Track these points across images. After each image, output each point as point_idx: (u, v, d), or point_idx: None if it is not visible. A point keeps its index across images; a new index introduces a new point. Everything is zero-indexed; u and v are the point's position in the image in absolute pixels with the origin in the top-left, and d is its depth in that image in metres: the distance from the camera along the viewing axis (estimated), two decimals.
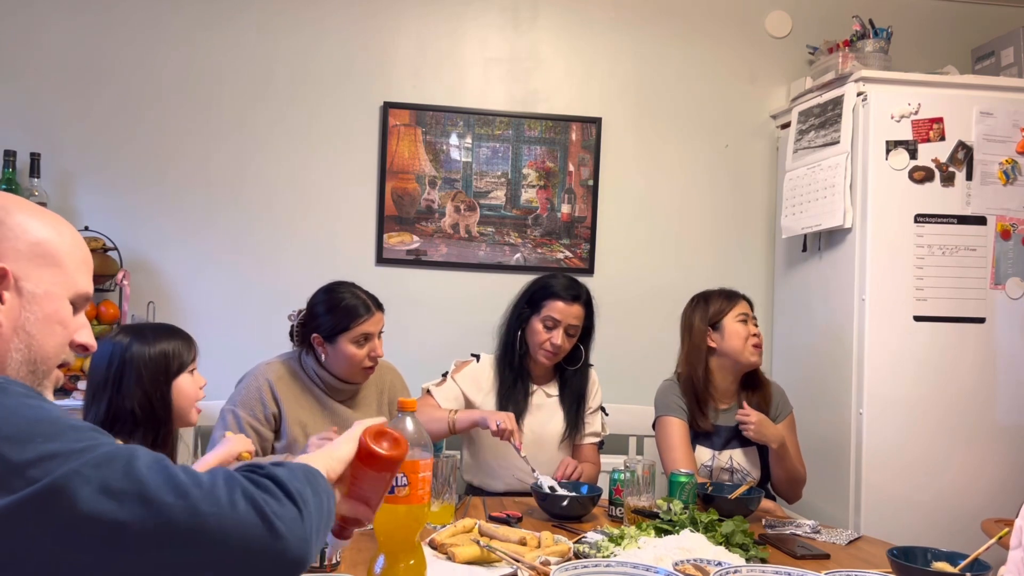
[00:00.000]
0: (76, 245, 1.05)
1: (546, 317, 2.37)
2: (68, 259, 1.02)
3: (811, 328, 3.01)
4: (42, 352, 1.00)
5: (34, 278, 0.99)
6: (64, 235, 1.03)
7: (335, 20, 3.15)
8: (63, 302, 1.01)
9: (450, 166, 3.19)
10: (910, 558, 1.63)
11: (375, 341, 2.20)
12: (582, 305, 2.40)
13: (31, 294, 0.98)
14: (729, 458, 2.37)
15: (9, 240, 0.98)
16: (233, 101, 3.10)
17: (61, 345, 1.02)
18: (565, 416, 2.45)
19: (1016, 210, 2.76)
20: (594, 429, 2.50)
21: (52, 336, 1.00)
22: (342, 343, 2.17)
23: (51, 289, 1.00)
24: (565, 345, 2.38)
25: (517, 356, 2.42)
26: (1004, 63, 3.12)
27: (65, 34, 3.00)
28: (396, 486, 1.35)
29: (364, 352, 2.18)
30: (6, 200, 1.01)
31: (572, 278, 2.47)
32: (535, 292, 2.44)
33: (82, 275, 1.05)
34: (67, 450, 0.80)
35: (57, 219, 1.05)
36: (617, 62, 3.30)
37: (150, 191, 3.04)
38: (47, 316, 1.00)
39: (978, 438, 2.72)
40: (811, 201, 2.93)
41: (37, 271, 0.99)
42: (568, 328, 2.38)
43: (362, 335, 2.17)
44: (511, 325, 2.45)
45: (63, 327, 1.02)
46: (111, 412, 1.69)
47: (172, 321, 2.06)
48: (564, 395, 2.47)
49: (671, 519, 1.88)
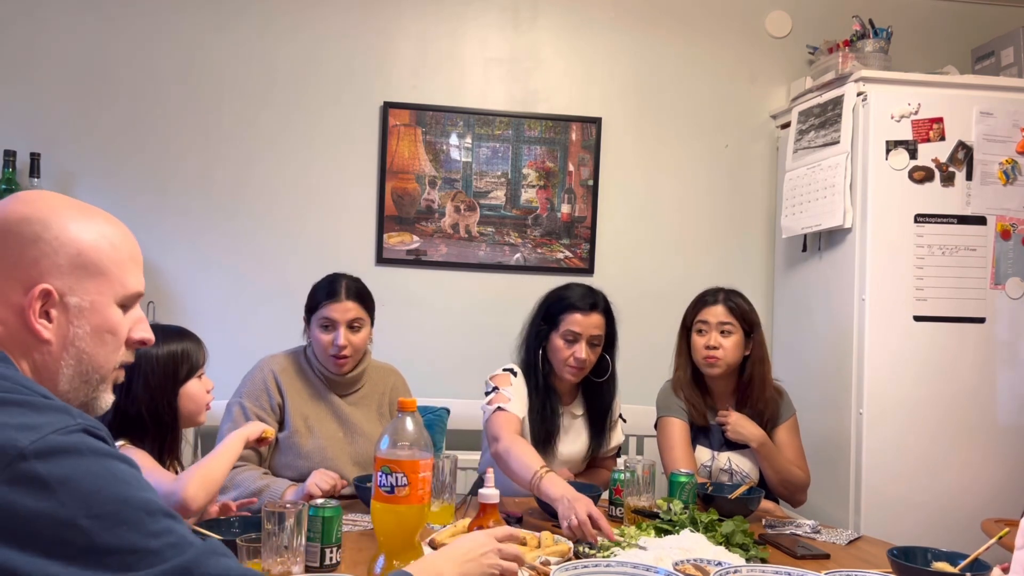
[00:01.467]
0: (119, 245, 1.03)
1: (565, 331, 2.22)
2: (111, 264, 1.00)
3: (811, 328, 3.01)
4: (94, 363, 0.99)
5: (79, 291, 0.97)
6: (106, 237, 1.01)
7: (335, 21, 3.15)
8: (111, 309, 1.00)
9: (450, 166, 3.19)
10: (910, 558, 1.63)
11: (340, 330, 2.12)
12: (601, 313, 2.26)
13: (78, 308, 0.97)
14: (728, 459, 2.37)
15: (49, 256, 0.96)
16: (233, 101, 3.10)
17: (114, 351, 1.01)
18: (590, 435, 2.35)
19: (1016, 210, 2.76)
20: (616, 442, 2.45)
21: (103, 346, 0.99)
22: (313, 325, 2.18)
23: (97, 299, 0.99)
24: (590, 358, 2.24)
25: (542, 376, 2.27)
26: (1004, 63, 3.12)
27: (65, 34, 3.00)
28: (396, 486, 1.36)
29: (328, 339, 2.13)
30: (44, 211, 0.98)
31: (587, 286, 2.33)
32: (550, 306, 2.29)
33: (130, 275, 1.03)
34: (144, 548, 0.82)
35: (98, 219, 1.02)
36: (617, 62, 3.30)
37: (150, 191, 3.04)
38: (96, 328, 0.98)
39: (978, 438, 2.72)
40: (811, 201, 2.93)
41: (81, 284, 0.97)
42: (591, 339, 2.23)
43: (325, 319, 2.14)
44: (530, 345, 2.29)
45: (113, 335, 1.00)
46: (119, 416, 1.67)
47: (172, 321, 2.06)
48: (590, 411, 2.37)
49: (671, 519, 1.88)
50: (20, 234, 0.96)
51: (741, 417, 2.33)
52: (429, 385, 2.73)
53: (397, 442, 1.39)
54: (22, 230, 0.96)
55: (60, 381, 0.97)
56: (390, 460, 1.36)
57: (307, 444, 2.16)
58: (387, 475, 1.36)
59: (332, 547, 1.56)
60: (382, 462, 1.37)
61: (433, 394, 2.81)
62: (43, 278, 0.95)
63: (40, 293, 0.94)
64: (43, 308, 0.95)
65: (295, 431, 2.16)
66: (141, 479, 0.87)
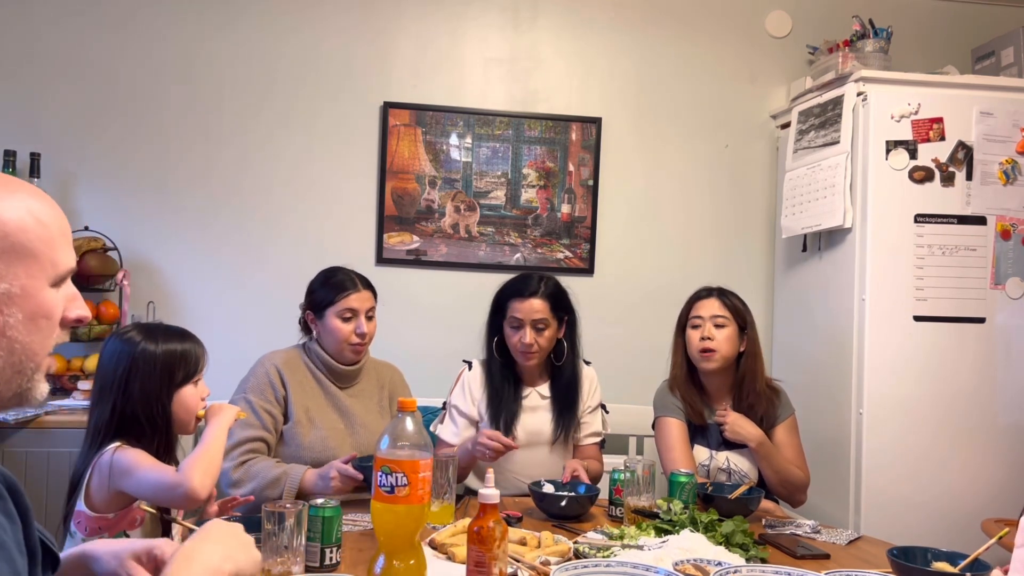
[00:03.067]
0: (47, 221, 0.93)
1: (510, 318, 2.35)
2: (40, 243, 0.91)
3: (811, 328, 3.01)
4: (28, 352, 0.91)
5: (8, 277, 0.88)
6: (32, 213, 0.91)
7: (335, 20, 3.15)
8: (44, 292, 0.92)
9: (450, 166, 3.19)
10: (910, 558, 1.63)
11: (361, 319, 2.23)
12: (542, 297, 2.34)
13: (7, 294, 0.89)
14: (726, 459, 2.37)
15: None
16: (233, 101, 3.10)
17: (48, 336, 0.93)
18: (554, 415, 2.42)
19: (1016, 210, 2.76)
20: (594, 428, 2.48)
21: (37, 332, 0.91)
22: (329, 317, 2.22)
23: (28, 283, 0.90)
24: (539, 342, 2.33)
25: (498, 363, 2.41)
26: (1004, 63, 3.12)
27: (66, 34, 3.00)
28: (396, 486, 1.35)
29: (350, 328, 2.22)
30: None
31: (529, 274, 2.44)
32: (498, 296, 2.42)
33: (61, 252, 0.94)
34: None
35: (21, 194, 0.92)
36: (617, 62, 3.30)
37: (150, 191, 3.04)
38: (29, 314, 0.90)
39: (978, 438, 2.72)
40: (811, 201, 2.93)
41: (10, 269, 0.89)
42: (534, 324, 2.33)
43: (347, 309, 2.22)
44: (487, 334, 2.44)
45: (48, 319, 0.92)
46: (115, 416, 1.65)
47: (171, 321, 2.05)
48: (554, 393, 2.45)
49: (671, 519, 1.88)
50: None
51: (739, 417, 2.33)
52: (429, 385, 2.73)
53: (397, 442, 1.39)
54: None
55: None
56: (390, 460, 1.36)
57: (309, 435, 2.19)
58: (387, 475, 1.36)
59: (332, 547, 1.56)
60: (382, 462, 1.37)
61: (433, 394, 2.81)
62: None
63: None
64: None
65: (297, 422, 2.20)
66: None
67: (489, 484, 1.44)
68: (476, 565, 1.39)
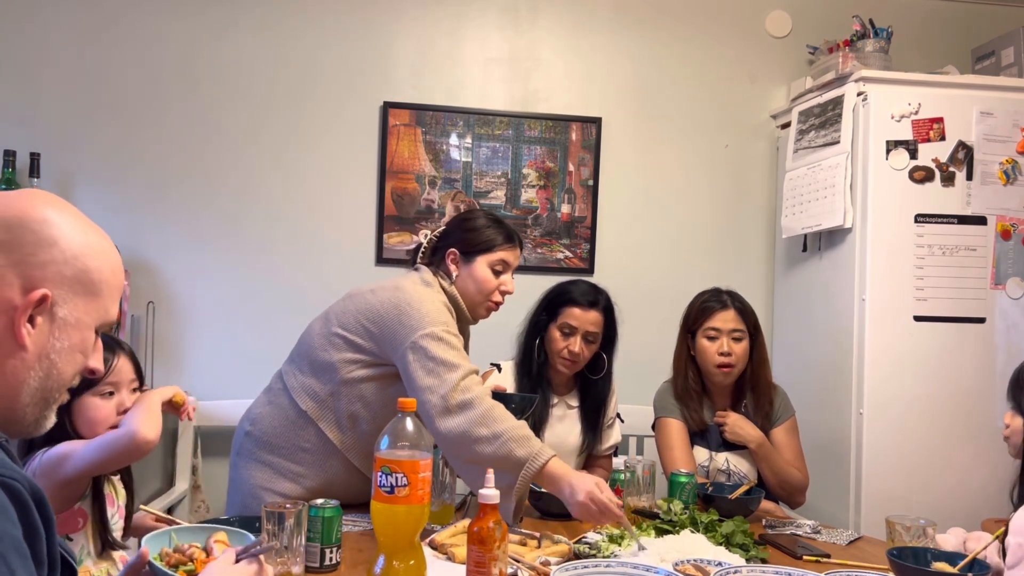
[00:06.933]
0: (117, 272, 1.02)
1: (563, 324, 2.30)
2: (107, 289, 0.99)
3: (811, 328, 3.01)
4: (60, 380, 0.97)
5: (70, 305, 0.95)
6: (109, 262, 1.00)
7: (335, 21, 3.15)
8: (90, 331, 0.99)
9: (450, 166, 3.19)
10: (910, 558, 1.63)
11: (509, 275, 2.08)
12: (600, 311, 2.32)
13: (63, 321, 0.95)
14: (725, 460, 2.37)
15: (57, 264, 0.94)
16: (233, 101, 3.10)
17: (76, 373, 0.99)
18: (583, 428, 2.39)
19: (1016, 210, 2.76)
20: (613, 441, 2.47)
21: (72, 364, 0.98)
22: (479, 263, 2.04)
23: (83, 318, 0.97)
24: (584, 353, 2.31)
25: (536, 365, 2.34)
26: (1004, 63, 3.12)
27: (66, 34, 3.00)
28: (396, 486, 1.36)
29: (497, 282, 2.04)
30: (67, 218, 0.97)
31: (591, 283, 2.40)
32: (552, 298, 2.37)
33: (114, 303, 1.02)
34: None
35: (106, 242, 1.01)
36: (617, 62, 3.30)
37: (150, 191, 3.04)
38: (72, 345, 0.97)
39: (978, 438, 2.72)
40: (811, 201, 2.93)
41: (75, 299, 0.96)
42: (586, 335, 2.30)
43: (501, 261, 2.05)
44: (529, 332, 2.38)
45: (83, 355, 0.99)
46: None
47: (172, 321, 2.04)
48: (584, 406, 2.41)
49: (671, 519, 1.88)
50: (37, 233, 0.94)
51: (739, 418, 2.33)
52: None
53: (397, 442, 1.39)
54: (40, 230, 0.94)
55: (23, 393, 0.94)
56: (390, 460, 1.36)
57: None
58: (387, 475, 1.36)
59: (332, 547, 1.56)
60: (382, 462, 1.37)
61: None
62: (45, 283, 0.93)
63: (38, 298, 0.92)
64: (32, 313, 0.93)
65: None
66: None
67: (489, 484, 1.44)
68: (476, 565, 1.39)
